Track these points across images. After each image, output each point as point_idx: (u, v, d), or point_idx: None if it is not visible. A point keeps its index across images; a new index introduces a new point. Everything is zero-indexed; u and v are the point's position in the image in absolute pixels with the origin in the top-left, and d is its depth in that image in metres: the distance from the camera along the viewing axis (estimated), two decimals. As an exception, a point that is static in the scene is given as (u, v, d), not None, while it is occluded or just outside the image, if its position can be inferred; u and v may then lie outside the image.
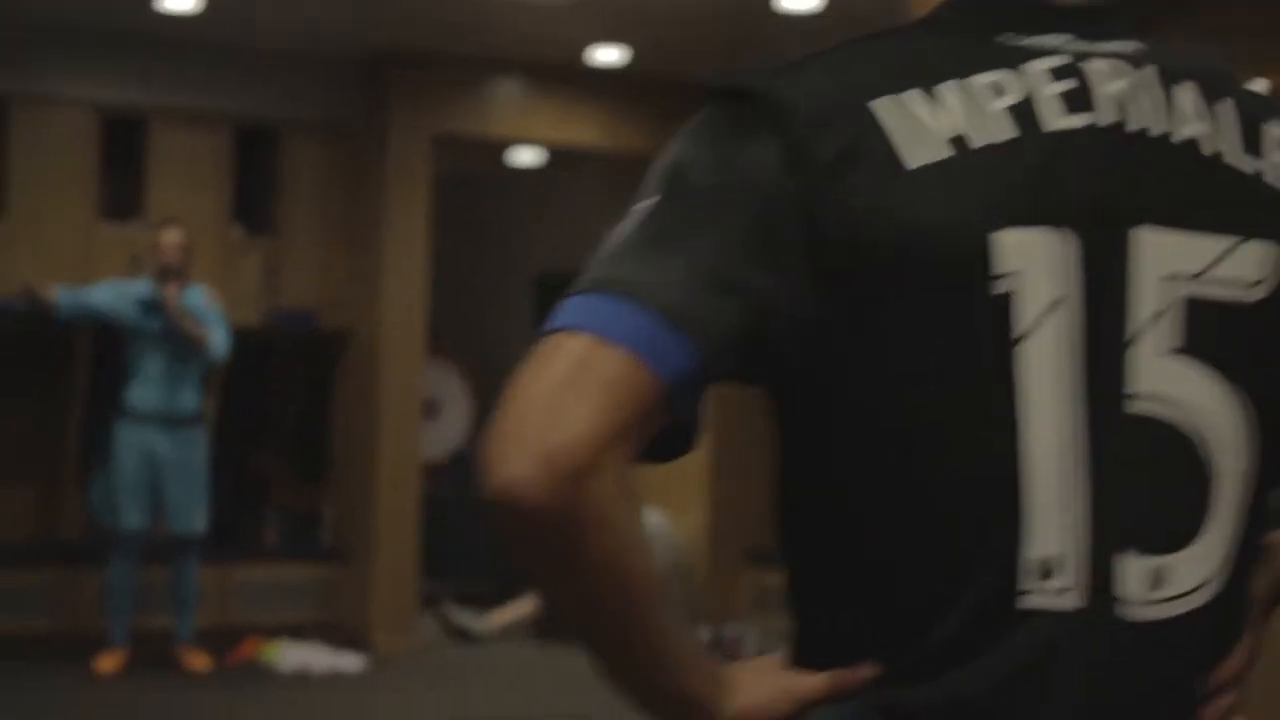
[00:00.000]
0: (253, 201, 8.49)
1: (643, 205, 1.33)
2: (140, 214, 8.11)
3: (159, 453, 7.39)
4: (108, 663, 7.37)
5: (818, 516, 1.38)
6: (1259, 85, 1.52)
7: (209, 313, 7.42)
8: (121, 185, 8.13)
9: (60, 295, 7.32)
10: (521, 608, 8.82)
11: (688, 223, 1.30)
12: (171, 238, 7.40)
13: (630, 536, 1.25)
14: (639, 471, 1.26)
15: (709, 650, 1.62)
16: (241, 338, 8.13)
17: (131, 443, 7.39)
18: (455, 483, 9.72)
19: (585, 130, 8.80)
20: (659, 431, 1.28)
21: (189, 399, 7.46)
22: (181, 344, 7.34)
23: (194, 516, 7.45)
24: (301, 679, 7.55)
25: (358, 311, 8.43)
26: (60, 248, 7.81)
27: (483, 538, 9.59)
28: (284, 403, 8.81)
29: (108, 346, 7.77)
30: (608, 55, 8.24)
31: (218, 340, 7.37)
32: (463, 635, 8.65)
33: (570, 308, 1.27)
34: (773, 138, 1.31)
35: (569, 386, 1.22)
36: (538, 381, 1.23)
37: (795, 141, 1.31)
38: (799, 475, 1.40)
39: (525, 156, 9.82)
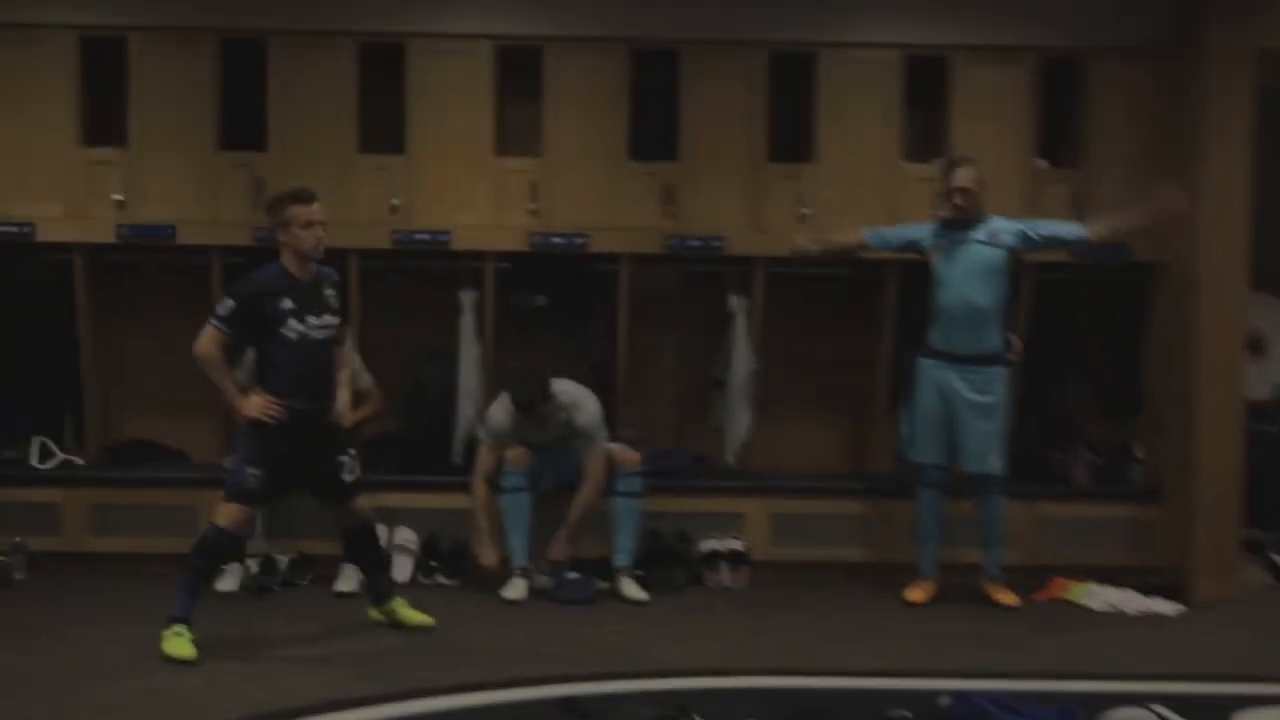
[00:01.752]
0: (1057, 133, 8.35)
1: None
2: (942, 153, 8.15)
3: (957, 391, 7.44)
4: (917, 593, 7.54)
5: None
6: None
7: (1029, 226, 7.45)
8: (925, 126, 8.30)
9: (868, 234, 7.59)
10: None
11: None
12: (959, 178, 7.40)
13: None
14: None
15: None
16: (1051, 271, 8.03)
17: (931, 380, 7.50)
18: (1281, 424, 9.11)
19: None
20: None
21: (989, 339, 7.45)
22: (982, 275, 7.34)
23: (988, 457, 7.44)
24: (1113, 617, 7.39)
25: (1174, 243, 8.03)
26: (867, 187, 8.07)
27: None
28: (1094, 337, 8.59)
29: (915, 285, 7.90)
30: None
31: (1066, 229, 7.40)
32: (1294, 586, 8.10)
33: None
34: None
35: None
36: None
37: None
38: None
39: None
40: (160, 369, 8.29)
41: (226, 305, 6.28)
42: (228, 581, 7.47)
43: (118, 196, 7.95)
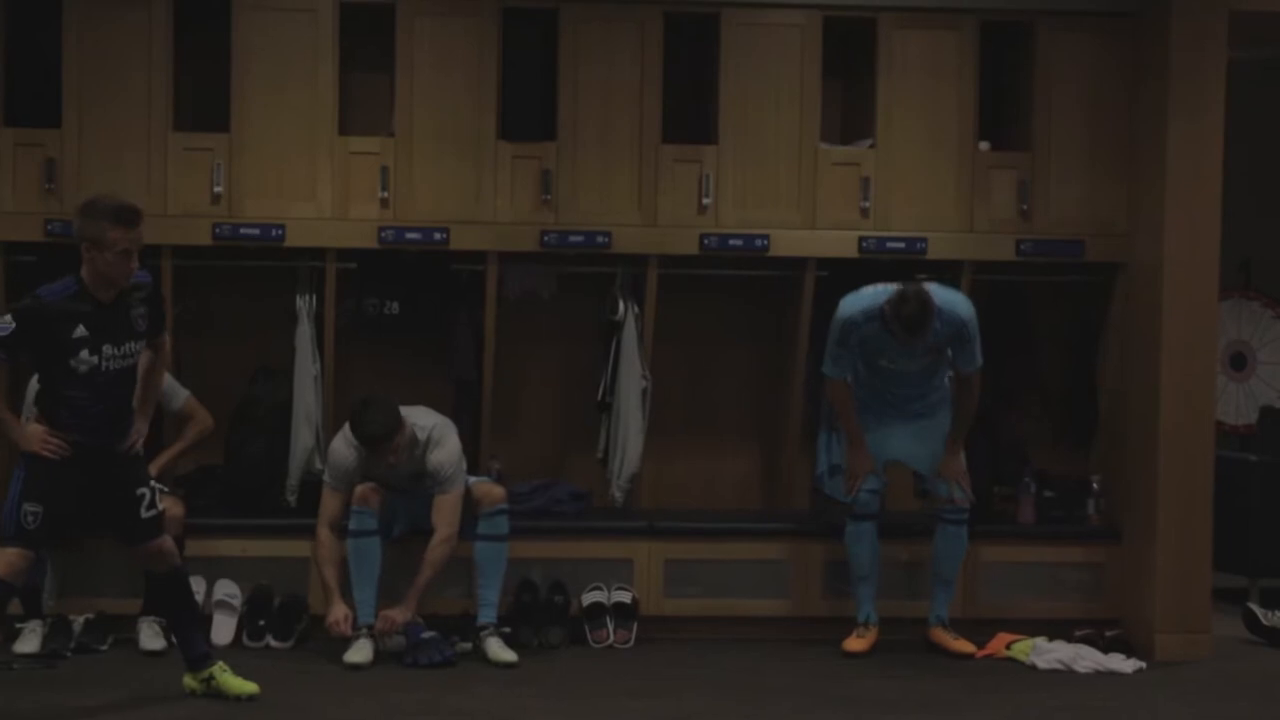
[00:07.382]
0: (1002, 110, 8.51)
1: None
2: (866, 132, 8.36)
3: (895, 423, 7.74)
4: (857, 642, 7.76)
5: None
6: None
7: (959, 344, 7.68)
8: (846, 101, 8.55)
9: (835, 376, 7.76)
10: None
11: None
12: (919, 332, 7.48)
13: None
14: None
15: None
16: (992, 273, 8.25)
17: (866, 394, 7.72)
18: (1264, 452, 9.27)
19: None
20: None
21: (934, 396, 7.78)
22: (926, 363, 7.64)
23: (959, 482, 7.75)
24: (1062, 677, 7.51)
25: (1133, 239, 8.25)
26: (779, 173, 8.24)
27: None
28: (1044, 352, 8.73)
29: (835, 290, 7.97)
30: None
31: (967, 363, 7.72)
32: (1275, 639, 8.32)
33: None
34: None
35: None
36: None
37: None
38: None
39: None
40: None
41: (6, 326, 6.25)
42: (27, 642, 7.44)
43: None
